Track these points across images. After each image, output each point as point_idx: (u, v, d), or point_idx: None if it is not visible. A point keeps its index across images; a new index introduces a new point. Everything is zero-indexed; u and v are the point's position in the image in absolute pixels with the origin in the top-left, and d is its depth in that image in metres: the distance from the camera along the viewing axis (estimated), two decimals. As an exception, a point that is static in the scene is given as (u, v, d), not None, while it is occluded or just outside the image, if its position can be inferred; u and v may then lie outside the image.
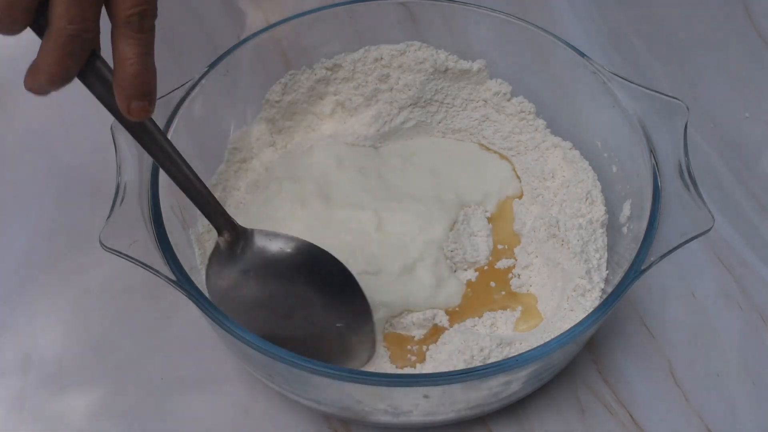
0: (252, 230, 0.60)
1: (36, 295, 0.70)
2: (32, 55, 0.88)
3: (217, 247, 0.59)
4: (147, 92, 0.49)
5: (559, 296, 0.66)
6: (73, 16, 0.46)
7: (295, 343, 0.55)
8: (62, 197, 0.75)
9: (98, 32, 0.48)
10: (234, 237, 0.59)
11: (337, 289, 0.61)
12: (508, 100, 0.75)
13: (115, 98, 0.49)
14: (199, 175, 0.67)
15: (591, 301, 0.64)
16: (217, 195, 0.68)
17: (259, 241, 0.60)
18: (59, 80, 0.49)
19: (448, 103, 0.75)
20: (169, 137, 0.62)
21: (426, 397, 0.57)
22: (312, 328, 0.61)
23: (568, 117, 0.72)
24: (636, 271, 0.57)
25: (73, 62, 0.48)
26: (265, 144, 0.72)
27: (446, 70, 0.74)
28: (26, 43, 0.84)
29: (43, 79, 0.49)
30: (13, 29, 0.47)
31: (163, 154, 0.54)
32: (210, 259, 0.60)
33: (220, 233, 0.59)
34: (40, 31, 0.49)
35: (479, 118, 0.76)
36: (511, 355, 0.60)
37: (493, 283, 0.68)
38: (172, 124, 0.63)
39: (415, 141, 0.76)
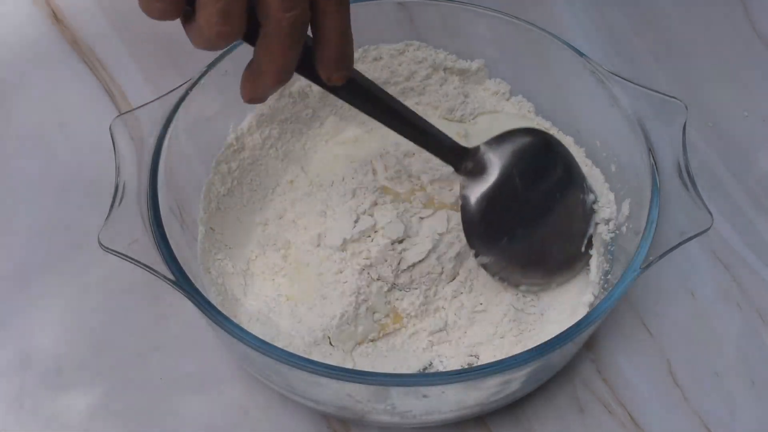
0: (477, 146, 0.62)
1: (35, 295, 0.69)
2: (32, 56, 0.88)
3: (462, 186, 0.62)
4: (347, 63, 0.51)
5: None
6: (288, 3, 0.45)
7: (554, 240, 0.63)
8: (61, 197, 0.75)
9: (309, 12, 0.47)
10: (473, 159, 0.61)
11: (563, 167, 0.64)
12: (507, 99, 0.75)
13: (318, 71, 0.50)
14: (198, 174, 0.68)
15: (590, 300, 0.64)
16: (218, 194, 0.68)
17: (485, 150, 0.62)
18: (285, 75, 0.49)
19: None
20: (167, 137, 0.62)
21: (425, 396, 0.57)
22: (560, 217, 0.64)
23: (566, 116, 0.72)
24: (635, 270, 0.57)
25: (296, 51, 0.48)
26: (263, 143, 0.72)
27: (445, 69, 0.74)
28: (26, 43, 0.85)
29: (268, 80, 0.49)
30: (229, 40, 0.47)
31: (379, 110, 0.57)
32: (464, 198, 0.62)
33: (457, 169, 0.61)
34: (251, 40, 0.48)
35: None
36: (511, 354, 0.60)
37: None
38: (171, 124, 0.63)
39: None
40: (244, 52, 0.68)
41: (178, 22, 0.48)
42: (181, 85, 0.65)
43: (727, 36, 0.88)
